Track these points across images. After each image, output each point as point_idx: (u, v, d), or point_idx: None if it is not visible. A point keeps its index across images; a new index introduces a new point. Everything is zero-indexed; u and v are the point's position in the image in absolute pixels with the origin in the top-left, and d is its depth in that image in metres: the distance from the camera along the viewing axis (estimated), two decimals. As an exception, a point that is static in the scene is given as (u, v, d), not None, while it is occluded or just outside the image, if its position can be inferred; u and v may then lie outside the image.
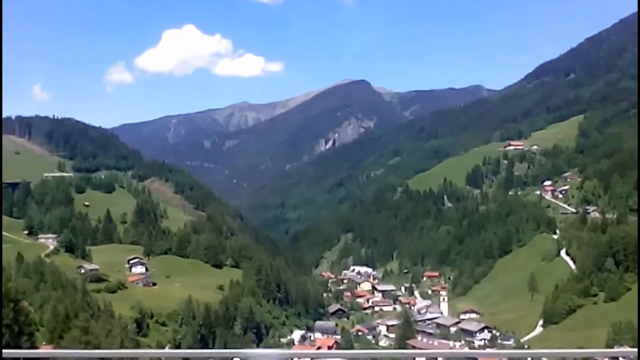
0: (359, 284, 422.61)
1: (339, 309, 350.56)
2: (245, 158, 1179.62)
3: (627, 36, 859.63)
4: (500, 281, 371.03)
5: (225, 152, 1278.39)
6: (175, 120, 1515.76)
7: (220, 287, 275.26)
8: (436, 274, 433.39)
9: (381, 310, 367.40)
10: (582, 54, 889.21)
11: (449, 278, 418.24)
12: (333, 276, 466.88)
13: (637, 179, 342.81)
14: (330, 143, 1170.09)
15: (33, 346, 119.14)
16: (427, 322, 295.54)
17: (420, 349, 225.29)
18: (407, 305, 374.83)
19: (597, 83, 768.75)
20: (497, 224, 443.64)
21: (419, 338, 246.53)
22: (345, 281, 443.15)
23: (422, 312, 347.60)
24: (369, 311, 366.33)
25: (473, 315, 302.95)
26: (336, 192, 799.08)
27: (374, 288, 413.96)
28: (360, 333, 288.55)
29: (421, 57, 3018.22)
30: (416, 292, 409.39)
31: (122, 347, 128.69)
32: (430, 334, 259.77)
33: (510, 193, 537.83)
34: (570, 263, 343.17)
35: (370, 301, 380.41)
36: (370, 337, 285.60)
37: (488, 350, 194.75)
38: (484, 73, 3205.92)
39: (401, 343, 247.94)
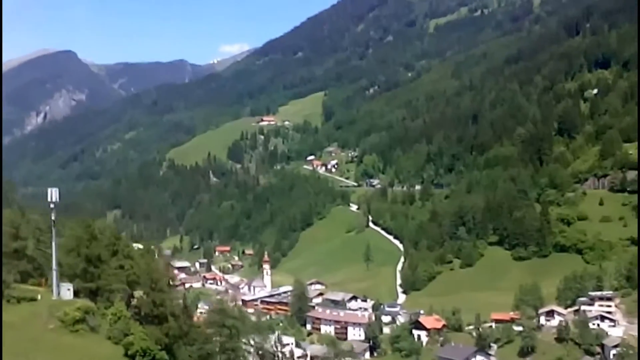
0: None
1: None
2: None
3: (347, 17, 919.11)
4: (310, 253, 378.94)
5: None
6: None
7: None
8: (227, 248, 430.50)
9: (191, 287, 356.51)
10: (307, 33, 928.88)
11: (243, 252, 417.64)
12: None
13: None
14: (42, 116, 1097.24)
15: None
16: (283, 294, 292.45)
17: (338, 320, 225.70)
18: (213, 281, 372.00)
19: (326, 61, 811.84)
20: (282, 198, 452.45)
21: (320, 310, 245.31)
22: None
23: (240, 287, 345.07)
24: (180, 288, 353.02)
25: (318, 287, 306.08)
26: (71, 167, 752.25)
27: (168, 265, 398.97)
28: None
29: (125, 30, 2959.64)
30: (214, 268, 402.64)
31: None
32: (315, 304, 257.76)
33: (277, 167, 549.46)
34: (383, 233, 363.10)
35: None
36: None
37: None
38: (187, 48, 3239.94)
39: (299, 315, 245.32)
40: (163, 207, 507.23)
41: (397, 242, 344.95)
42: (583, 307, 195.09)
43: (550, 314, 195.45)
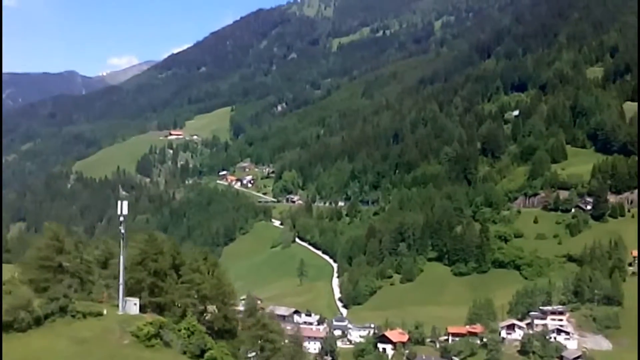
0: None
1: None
2: None
3: (250, 33, 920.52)
4: (234, 268, 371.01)
5: None
6: None
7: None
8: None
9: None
10: (210, 48, 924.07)
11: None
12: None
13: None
14: None
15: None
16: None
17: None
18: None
19: (231, 77, 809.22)
20: (199, 213, 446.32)
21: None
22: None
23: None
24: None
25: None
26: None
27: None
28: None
29: (9, 39, 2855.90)
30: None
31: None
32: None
33: (189, 182, 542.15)
34: (311, 248, 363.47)
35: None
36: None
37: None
38: (75, 59, 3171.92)
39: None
40: (71, 220, 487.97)
41: (326, 257, 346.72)
42: (536, 321, 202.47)
43: (511, 327, 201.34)
